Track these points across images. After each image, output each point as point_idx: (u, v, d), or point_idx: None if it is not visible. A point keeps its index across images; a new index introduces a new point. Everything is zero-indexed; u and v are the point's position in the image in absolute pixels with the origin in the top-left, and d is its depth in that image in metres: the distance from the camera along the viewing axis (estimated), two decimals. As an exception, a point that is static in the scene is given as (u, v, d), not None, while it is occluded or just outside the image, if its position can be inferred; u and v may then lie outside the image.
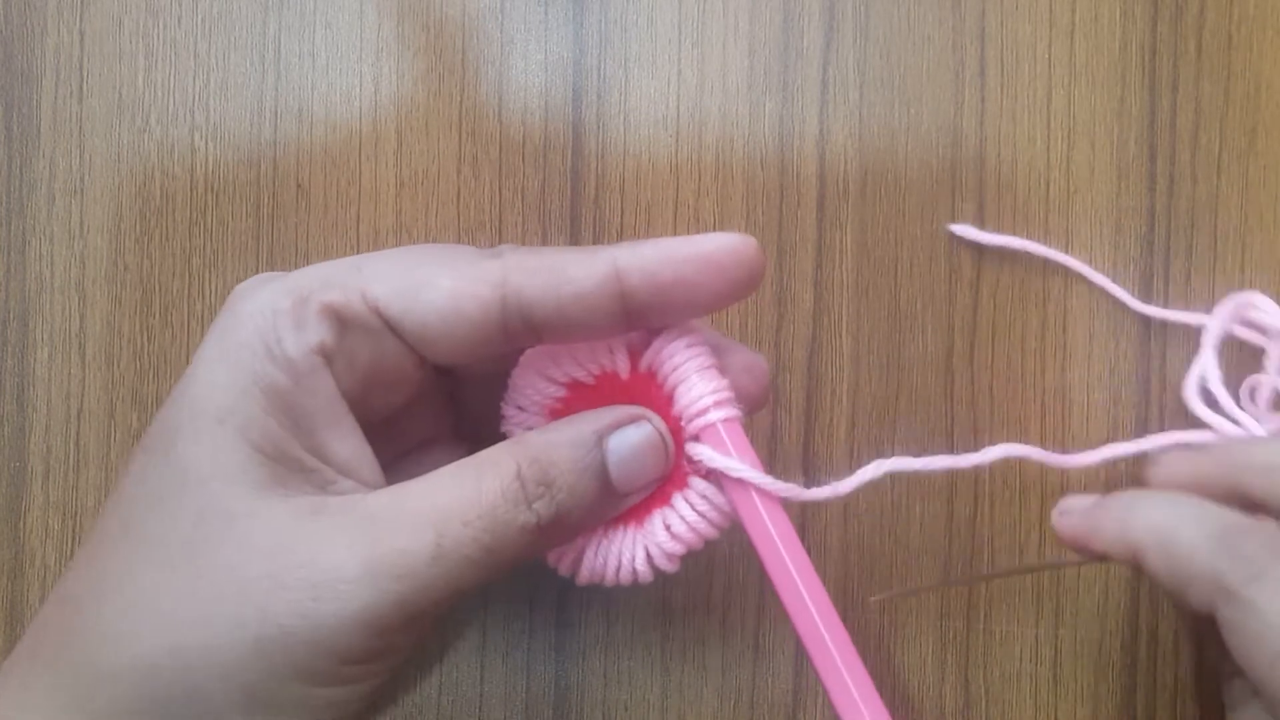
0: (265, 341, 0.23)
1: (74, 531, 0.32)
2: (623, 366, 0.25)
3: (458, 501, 0.23)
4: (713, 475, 0.25)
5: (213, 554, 0.22)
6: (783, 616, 0.25)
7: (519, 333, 0.24)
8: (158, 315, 0.33)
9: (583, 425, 0.24)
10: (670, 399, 0.25)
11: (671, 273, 0.23)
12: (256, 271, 0.33)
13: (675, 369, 0.25)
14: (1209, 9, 0.33)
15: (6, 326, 0.33)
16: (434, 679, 0.32)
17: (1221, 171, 0.33)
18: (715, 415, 0.25)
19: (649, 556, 0.25)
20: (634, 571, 0.25)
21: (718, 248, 0.23)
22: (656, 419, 0.25)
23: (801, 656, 0.32)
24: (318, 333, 0.23)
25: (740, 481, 0.25)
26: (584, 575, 0.26)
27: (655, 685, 0.32)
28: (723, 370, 0.25)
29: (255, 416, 0.23)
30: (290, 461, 0.23)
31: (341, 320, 0.24)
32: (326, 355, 0.23)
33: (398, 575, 0.22)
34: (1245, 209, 0.33)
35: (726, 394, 0.25)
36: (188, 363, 0.32)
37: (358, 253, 0.33)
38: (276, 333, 0.23)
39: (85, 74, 0.33)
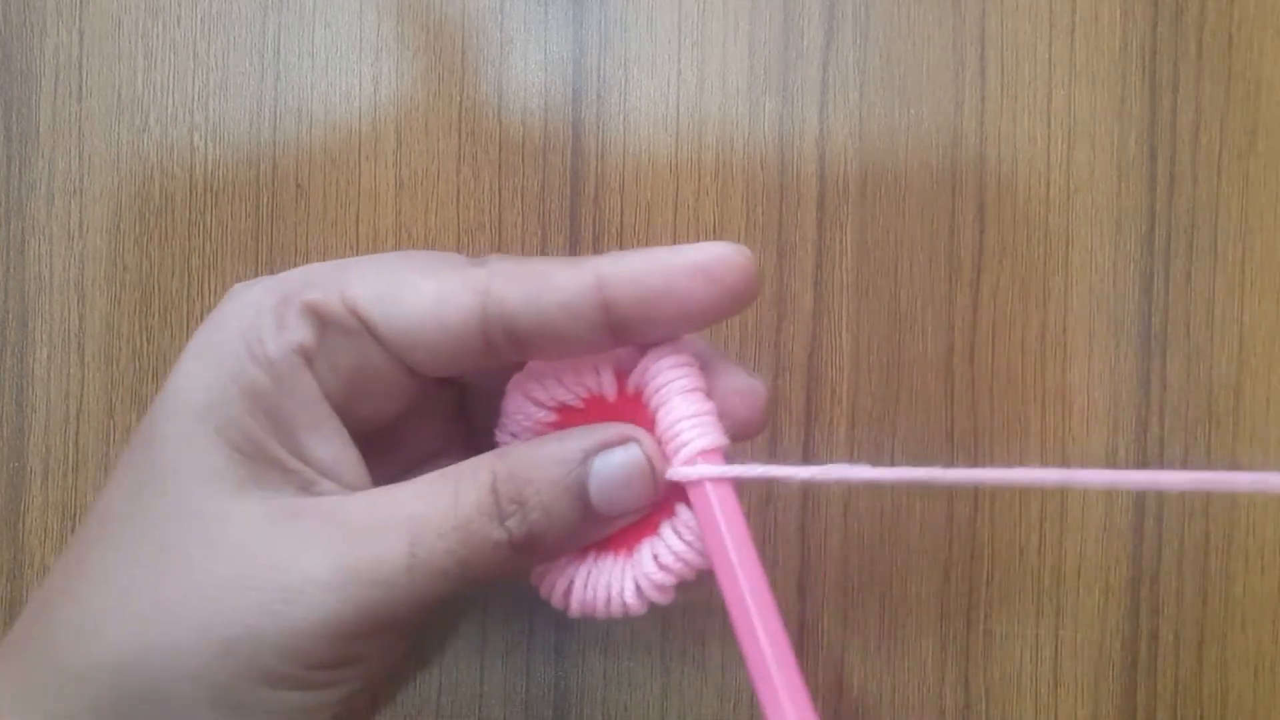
0: (246, 340, 0.23)
1: (73, 531, 0.32)
2: (609, 389, 0.24)
3: (434, 512, 0.22)
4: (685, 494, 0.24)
5: (185, 553, 0.22)
6: (781, 613, 0.25)
7: (501, 344, 0.23)
8: (157, 315, 0.33)
9: (570, 442, 0.23)
10: (654, 423, 0.24)
11: (658, 282, 0.22)
12: (256, 272, 0.33)
13: (658, 390, 0.24)
14: (1209, 9, 0.33)
15: (6, 326, 0.33)
16: (434, 679, 0.32)
17: (1222, 171, 0.33)
18: (696, 442, 0.23)
19: (639, 589, 0.24)
20: (624, 604, 0.24)
21: (709, 257, 0.22)
22: (649, 441, 0.24)
23: (801, 656, 0.32)
24: (298, 333, 0.23)
25: (699, 488, 0.23)
26: (575, 608, 0.25)
27: (655, 685, 0.32)
28: (710, 393, 0.24)
29: (235, 416, 0.23)
30: (270, 461, 0.23)
31: (322, 320, 0.23)
32: (307, 356, 0.23)
33: (370, 583, 0.22)
34: (1246, 209, 0.33)
35: (709, 419, 0.23)
36: (187, 363, 0.33)
37: (357, 253, 0.33)
38: (258, 332, 0.23)
39: (84, 74, 0.33)
